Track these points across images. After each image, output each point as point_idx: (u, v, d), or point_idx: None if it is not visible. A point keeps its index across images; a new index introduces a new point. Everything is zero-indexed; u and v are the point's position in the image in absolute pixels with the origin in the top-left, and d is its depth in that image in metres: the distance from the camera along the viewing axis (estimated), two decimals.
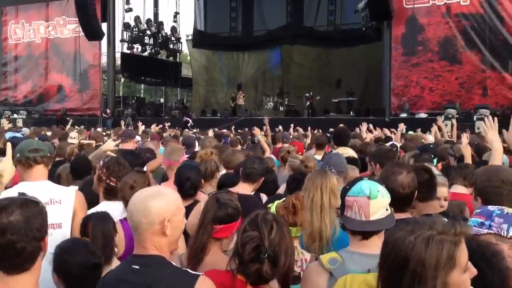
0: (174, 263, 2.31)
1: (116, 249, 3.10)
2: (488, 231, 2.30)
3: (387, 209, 2.39)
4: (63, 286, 2.67)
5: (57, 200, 3.42)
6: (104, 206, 3.56)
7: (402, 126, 10.67)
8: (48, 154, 3.60)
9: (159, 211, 2.22)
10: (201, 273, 2.28)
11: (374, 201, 2.34)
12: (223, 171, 5.47)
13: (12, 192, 3.33)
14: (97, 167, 3.86)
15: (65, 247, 2.71)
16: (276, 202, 3.13)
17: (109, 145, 5.66)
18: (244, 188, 4.34)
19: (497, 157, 3.54)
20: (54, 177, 4.69)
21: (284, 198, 3.27)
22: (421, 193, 3.17)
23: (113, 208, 3.49)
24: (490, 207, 2.43)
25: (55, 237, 2.99)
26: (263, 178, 4.51)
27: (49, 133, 12.29)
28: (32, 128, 16.00)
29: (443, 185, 3.70)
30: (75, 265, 2.61)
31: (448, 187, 4.08)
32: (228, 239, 2.88)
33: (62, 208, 3.39)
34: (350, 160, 5.10)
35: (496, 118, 3.73)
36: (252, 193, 4.49)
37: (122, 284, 2.22)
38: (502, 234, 2.30)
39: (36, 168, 3.48)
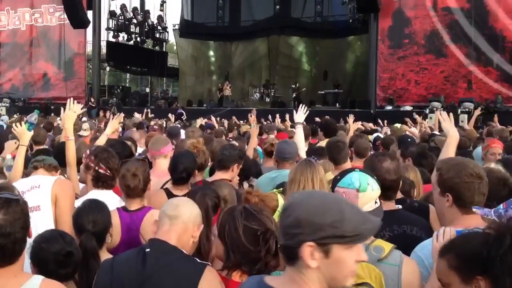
0: (184, 251, 2.37)
1: (110, 239, 3.09)
2: (494, 218, 2.14)
3: (376, 202, 2.41)
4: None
5: (36, 186, 3.59)
6: (95, 194, 3.56)
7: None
8: (51, 163, 3.94)
9: (200, 216, 2.50)
10: (208, 263, 2.35)
11: (363, 194, 2.36)
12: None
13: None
14: (84, 155, 3.85)
15: (42, 236, 2.73)
16: (278, 190, 3.13)
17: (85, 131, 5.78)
18: (219, 177, 4.29)
19: (453, 144, 3.51)
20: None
21: (282, 189, 3.28)
22: None
23: (105, 196, 3.51)
24: None
25: (35, 219, 3.03)
26: (239, 166, 4.44)
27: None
28: (15, 116, 15.80)
29: None
30: (50, 252, 2.62)
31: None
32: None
33: (40, 192, 3.55)
34: None
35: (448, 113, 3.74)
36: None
37: (128, 268, 2.30)
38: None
39: (34, 173, 3.83)
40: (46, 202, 3.53)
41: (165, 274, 2.23)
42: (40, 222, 3.33)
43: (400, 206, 3.11)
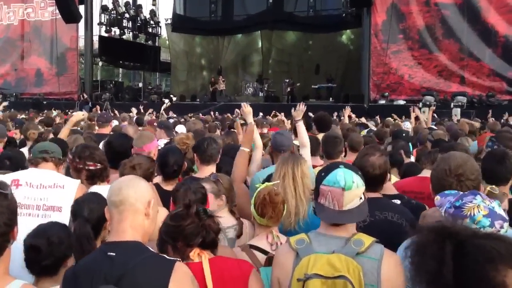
0: (151, 249, 2.25)
1: (107, 232, 3.08)
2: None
3: (360, 198, 2.40)
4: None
5: (60, 185, 3.45)
6: (96, 189, 3.50)
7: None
8: (60, 157, 3.71)
9: (147, 190, 2.32)
10: (178, 259, 2.23)
11: (349, 192, 2.35)
12: None
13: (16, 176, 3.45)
14: (68, 161, 3.77)
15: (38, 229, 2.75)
16: (265, 184, 3.13)
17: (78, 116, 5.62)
18: (208, 171, 4.18)
19: None
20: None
21: (277, 182, 3.29)
22: None
23: (104, 192, 3.48)
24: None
25: (54, 220, 2.98)
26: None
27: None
28: (7, 111, 15.68)
29: None
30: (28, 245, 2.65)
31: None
32: None
33: (64, 193, 3.38)
34: None
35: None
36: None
37: (96, 273, 2.12)
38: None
39: (43, 164, 3.61)
40: (68, 204, 3.33)
41: (139, 273, 2.11)
42: None
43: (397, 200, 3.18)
